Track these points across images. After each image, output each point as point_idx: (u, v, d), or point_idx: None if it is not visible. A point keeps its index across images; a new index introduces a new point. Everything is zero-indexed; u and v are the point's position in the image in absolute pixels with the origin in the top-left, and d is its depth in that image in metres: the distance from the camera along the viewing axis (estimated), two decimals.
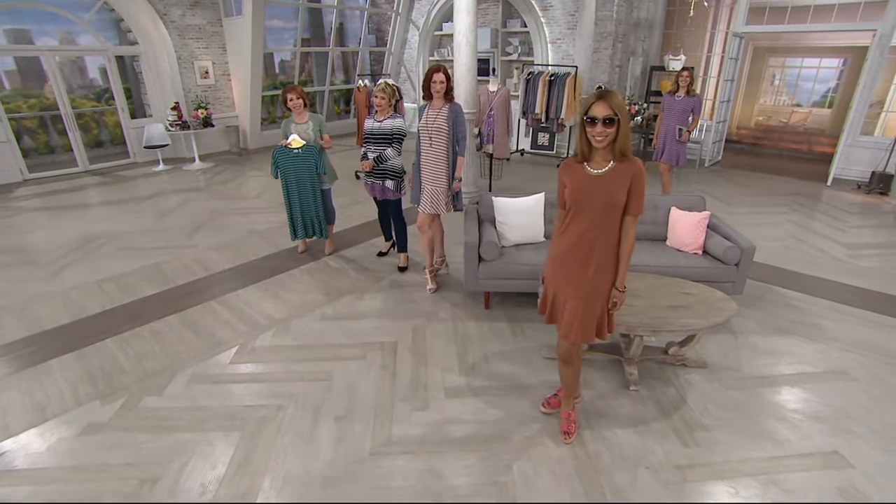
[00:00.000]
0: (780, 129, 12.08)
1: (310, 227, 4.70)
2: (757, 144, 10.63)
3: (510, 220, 3.95)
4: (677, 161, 6.06)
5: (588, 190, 2.22)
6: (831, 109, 12.15)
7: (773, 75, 12.29)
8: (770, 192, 7.30)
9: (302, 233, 4.70)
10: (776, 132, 11.75)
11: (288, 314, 3.83)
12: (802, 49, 11.21)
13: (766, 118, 12.42)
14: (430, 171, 3.91)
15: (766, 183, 7.85)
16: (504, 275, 3.73)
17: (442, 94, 3.75)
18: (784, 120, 12.32)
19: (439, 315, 3.84)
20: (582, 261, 2.32)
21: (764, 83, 12.02)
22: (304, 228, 4.69)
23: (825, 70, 11.71)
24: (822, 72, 11.73)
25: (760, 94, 12.03)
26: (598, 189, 2.20)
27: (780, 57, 11.92)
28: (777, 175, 8.39)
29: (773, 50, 11.47)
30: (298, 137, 4.36)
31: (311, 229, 4.71)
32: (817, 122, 11.91)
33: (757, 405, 2.91)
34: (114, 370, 3.17)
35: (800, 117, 12.22)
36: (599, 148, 2.16)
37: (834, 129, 10.94)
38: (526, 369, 3.22)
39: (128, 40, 8.74)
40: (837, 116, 11.27)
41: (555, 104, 8.26)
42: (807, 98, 12.26)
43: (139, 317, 3.80)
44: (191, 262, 4.79)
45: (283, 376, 3.11)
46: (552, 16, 9.11)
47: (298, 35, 10.37)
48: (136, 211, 6.37)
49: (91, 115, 9.39)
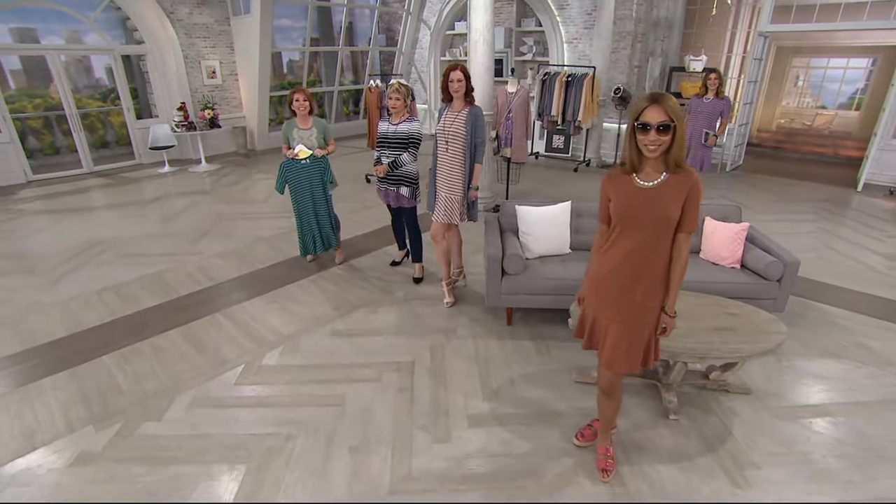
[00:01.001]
0: (803, 132, 11.70)
1: (325, 241, 4.47)
2: (779, 148, 10.30)
3: (535, 230, 3.70)
4: (701, 166, 5.80)
5: (637, 204, 1.97)
6: (859, 112, 11.73)
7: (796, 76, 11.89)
8: (796, 199, 7.00)
9: (320, 247, 4.47)
10: (799, 135, 11.40)
11: (296, 329, 3.61)
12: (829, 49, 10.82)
13: (788, 121, 12.02)
14: (445, 177, 3.68)
15: (791, 188, 7.54)
16: (529, 290, 3.48)
17: (461, 94, 3.51)
18: (808, 123, 11.91)
19: (458, 332, 3.60)
20: (628, 282, 2.08)
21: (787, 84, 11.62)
22: (322, 242, 4.46)
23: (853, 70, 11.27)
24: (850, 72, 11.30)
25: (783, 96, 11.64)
26: (649, 203, 1.95)
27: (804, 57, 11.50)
28: (802, 180, 8.08)
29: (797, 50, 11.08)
30: (305, 147, 4.15)
31: (326, 242, 4.48)
32: (843, 124, 11.49)
33: (810, 439, 2.64)
34: (110, 391, 2.95)
35: (825, 120, 11.82)
36: (651, 158, 1.92)
37: (862, 132, 10.57)
38: (555, 394, 2.97)
39: (134, 39, 8.58)
40: (866, 119, 10.87)
41: (572, 106, 8.00)
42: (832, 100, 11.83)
43: (139, 330, 3.59)
44: (195, 270, 4.58)
45: (292, 400, 2.89)
46: (568, 14, 8.86)
47: (307, 34, 10.18)
48: (140, 215, 6.18)
49: (97, 116, 9.24)
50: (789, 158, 9.95)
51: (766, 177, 8.27)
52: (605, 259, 2.14)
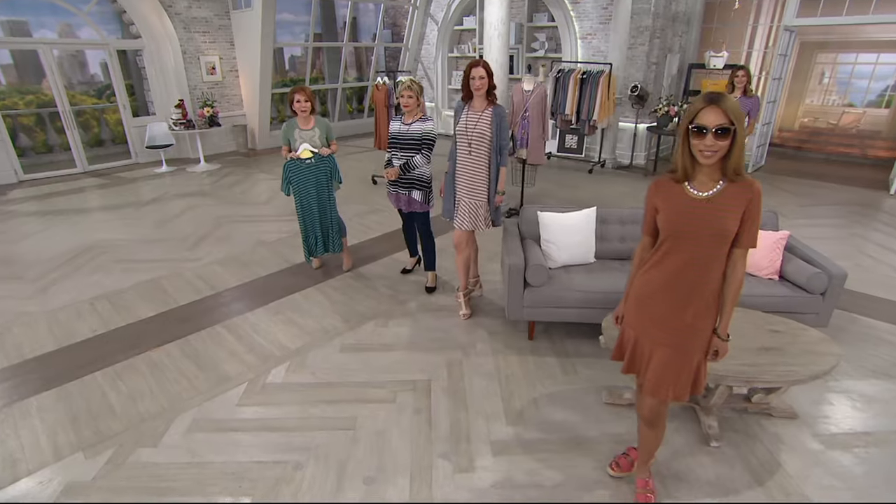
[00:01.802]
0: (828, 131, 11.47)
1: (329, 243, 4.32)
2: (801, 148, 10.10)
3: (558, 238, 3.53)
4: None
5: (690, 216, 1.80)
6: (889, 110, 11.41)
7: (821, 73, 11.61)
8: (825, 202, 6.81)
9: (322, 249, 4.31)
10: (824, 135, 11.20)
11: (303, 343, 3.44)
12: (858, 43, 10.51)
13: (812, 120, 11.74)
14: (467, 182, 3.51)
15: (818, 191, 7.35)
16: (553, 302, 3.31)
17: (483, 93, 3.35)
18: (833, 122, 11.63)
19: (477, 347, 3.43)
20: (678, 302, 1.90)
21: (811, 81, 11.33)
22: (325, 244, 4.31)
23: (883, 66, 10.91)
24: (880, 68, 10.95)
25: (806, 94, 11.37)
26: (704, 215, 1.78)
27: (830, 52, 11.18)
28: (828, 182, 7.88)
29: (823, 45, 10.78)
30: (308, 146, 3.99)
31: (330, 245, 4.33)
32: (872, 123, 11.17)
33: (872, 472, 2.46)
34: (102, 412, 2.79)
35: (852, 119, 11.54)
36: (706, 165, 1.74)
37: (892, 132, 10.30)
38: (584, 417, 2.79)
39: (130, 34, 8.44)
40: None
41: (587, 104, 7.83)
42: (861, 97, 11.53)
43: (135, 344, 3.42)
44: (194, 277, 4.42)
45: (300, 423, 2.72)
46: (583, 9, 8.69)
47: (311, 29, 10.03)
48: (136, 217, 6.03)
49: (91, 113, 9.11)
50: (813, 159, 9.75)
51: (791, 178, 8.08)
52: (652, 276, 1.97)
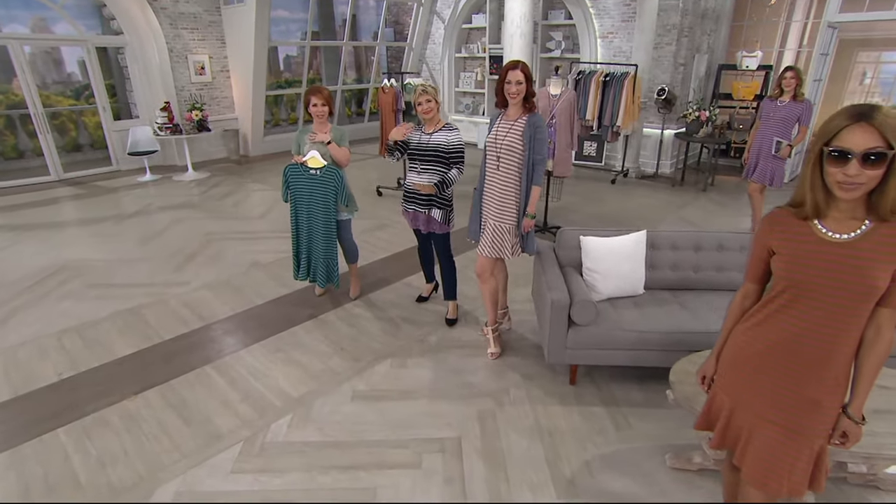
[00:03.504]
0: None
1: (311, 271, 3.94)
2: None
3: (603, 266, 3.18)
4: (771, 180, 5.28)
5: (820, 264, 1.44)
6: None
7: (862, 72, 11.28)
8: None
9: (304, 273, 3.94)
10: None
11: (308, 390, 3.07)
12: None
13: None
14: (494, 201, 3.16)
15: None
16: (602, 343, 2.95)
17: (520, 100, 3.00)
18: None
19: (511, 394, 3.06)
20: (796, 372, 1.55)
21: (850, 82, 10.99)
22: (308, 269, 3.94)
23: None
24: None
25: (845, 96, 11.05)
26: (841, 264, 1.42)
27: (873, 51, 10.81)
28: None
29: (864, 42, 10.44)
30: (318, 155, 3.63)
31: (312, 272, 3.95)
32: None
33: None
34: (63, 482, 2.40)
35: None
36: (848, 199, 1.39)
37: None
38: (648, 487, 2.43)
39: (111, 29, 8.12)
40: None
41: (609, 109, 7.52)
42: None
43: (109, 390, 3.04)
44: (180, 305, 4.05)
45: (307, 495, 2.34)
46: (603, 6, 8.42)
47: (309, 26, 9.74)
48: (115, 233, 5.66)
49: (68, 115, 8.78)
50: None
51: None
52: (759, 334, 1.62)
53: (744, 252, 3.42)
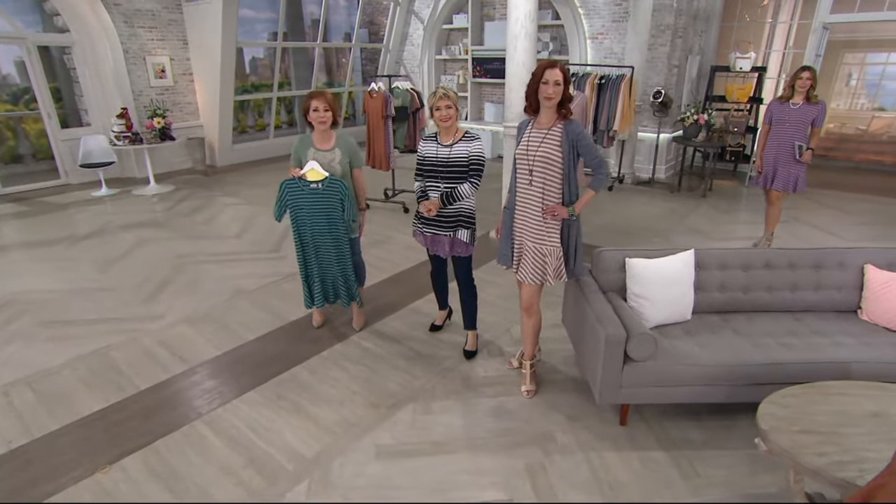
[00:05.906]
0: (856, 137, 11.44)
1: (331, 292, 3.59)
2: (826, 156, 9.97)
3: (652, 291, 2.92)
4: (795, 187, 5.17)
5: None
6: None
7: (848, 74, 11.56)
8: (884, 219, 6.46)
9: (321, 299, 3.57)
10: (851, 141, 11.11)
11: (323, 446, 2.67)
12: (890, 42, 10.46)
13: (838, 125, 11.65)
14: (530, 221, 2.85)
15: (868, 206, 7.03)
16: (661, 381, 2.68)
17: (555, 104, 2.71)
18: (862, 127, 11.68)
19: (558, 440, 2.75)
20: None
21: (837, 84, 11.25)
22: (325, 293, 3.57)
23: None
24: None
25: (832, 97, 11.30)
26: None
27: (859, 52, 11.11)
28: (871, 194, 7.57)
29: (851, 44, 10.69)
30: (318, 167, 3.25)
31: (332, 294, 3.60)
32: None
33: None
34: None
35: (883, 124, 11.49)
36: None
37: None
38: None
39: (55, 26, 7.48)
40: None
41: (605, 113, 7.37)
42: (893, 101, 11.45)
43: (74, 461, 2.57)
44: (155, 345, 3.57)
45: None
46: (593, 6, 8.29)
47: (280, 26, 9.30)
48: (70, 258, 5.08)
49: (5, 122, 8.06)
50: (842, 168, 9.61)
51: (828, 192, 7.77)
52: None
53: (794, 269, 3.23)
